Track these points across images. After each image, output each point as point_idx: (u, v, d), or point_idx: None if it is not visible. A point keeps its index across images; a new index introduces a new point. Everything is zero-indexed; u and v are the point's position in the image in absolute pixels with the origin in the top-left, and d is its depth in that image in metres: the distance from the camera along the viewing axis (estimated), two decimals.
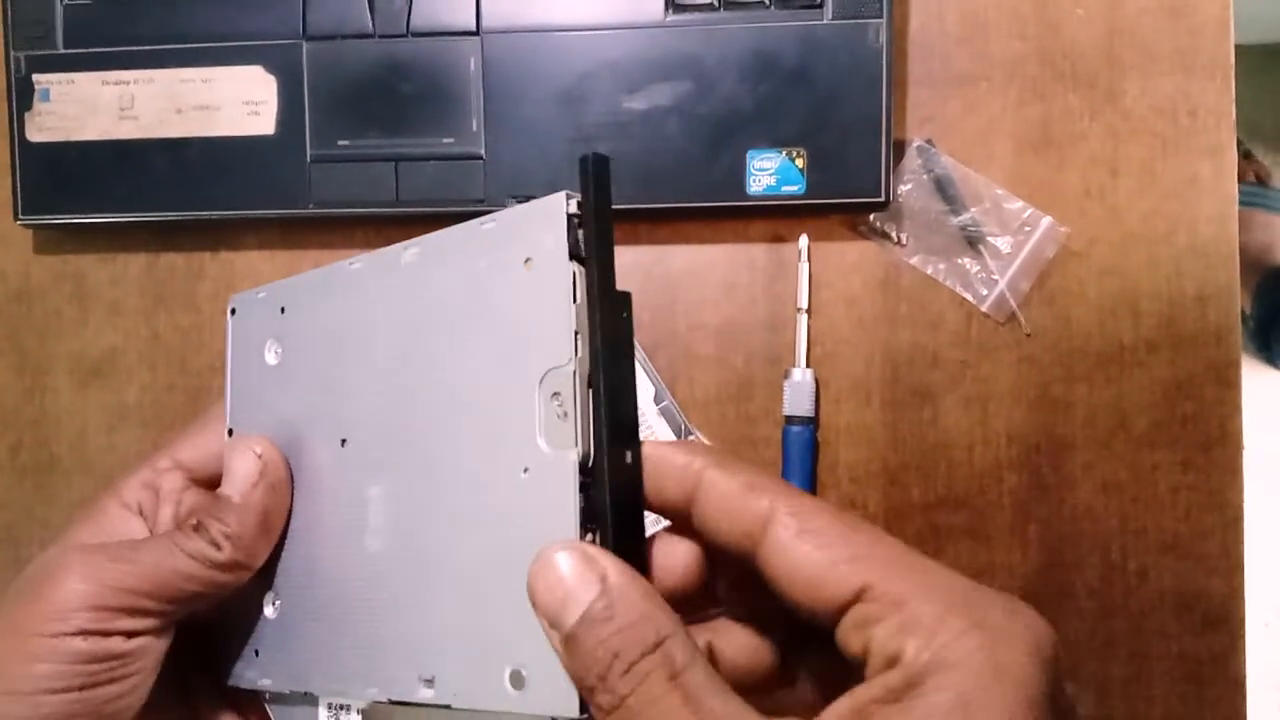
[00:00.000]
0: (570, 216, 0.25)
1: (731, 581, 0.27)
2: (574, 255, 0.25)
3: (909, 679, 0.20)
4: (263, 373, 0.34)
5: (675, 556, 0.27)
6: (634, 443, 0.25)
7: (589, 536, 0.24)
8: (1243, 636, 0.48)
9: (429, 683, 0.27)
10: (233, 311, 0.36)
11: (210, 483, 0.34)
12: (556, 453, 0.25)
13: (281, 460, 0.32)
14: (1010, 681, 0.20)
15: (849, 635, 0.22)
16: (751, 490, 0.24)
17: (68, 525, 0.33)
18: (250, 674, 0.33)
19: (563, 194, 0.25)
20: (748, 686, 0.26)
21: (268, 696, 0.33)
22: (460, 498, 0.27)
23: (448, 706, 0.26)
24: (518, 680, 0.25)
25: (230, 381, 0.35)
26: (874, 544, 0.23)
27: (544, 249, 0.26)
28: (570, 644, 0.22)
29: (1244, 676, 0.48)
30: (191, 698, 0.34)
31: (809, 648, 0.26)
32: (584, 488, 0.24)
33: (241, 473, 0.32)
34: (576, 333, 0.25)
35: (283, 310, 0.34)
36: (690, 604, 0.27)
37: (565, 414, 0.25)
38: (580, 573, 0.22)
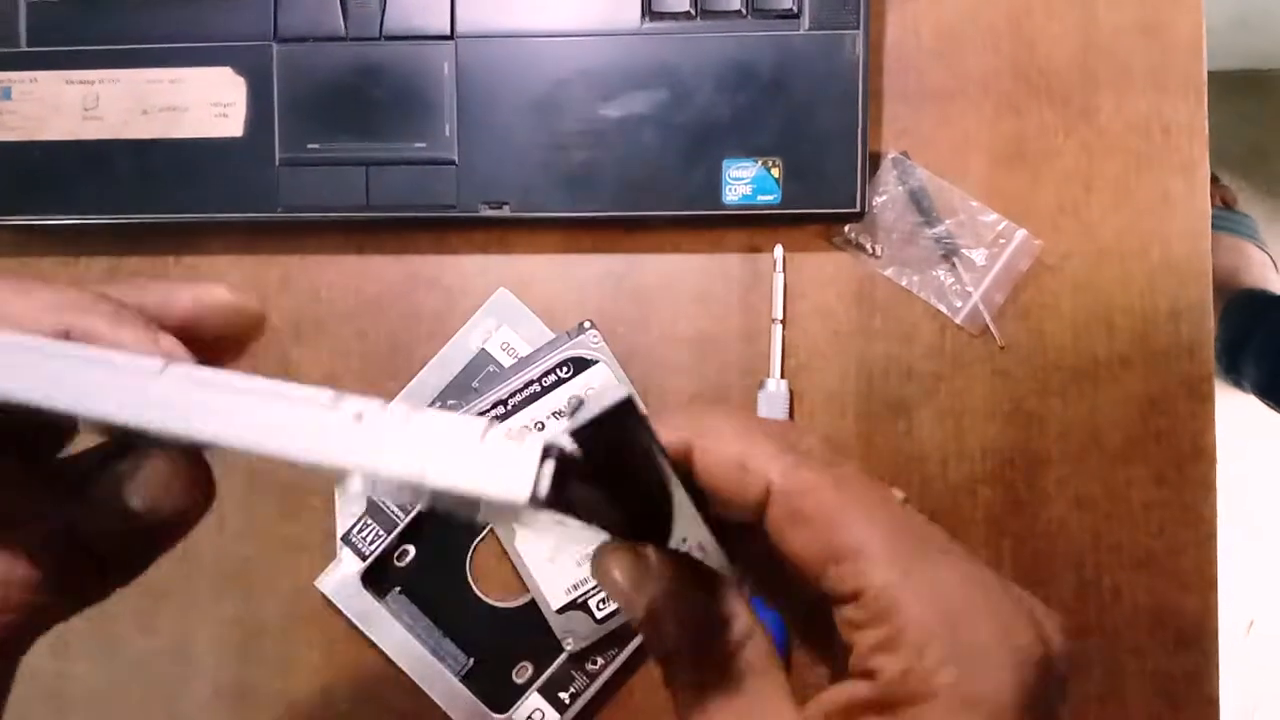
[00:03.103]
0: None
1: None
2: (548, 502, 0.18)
3: (886, 700, 0.21)
4: None
5: None
6: None
7: None
8: (1216, 654, 0.48)
9: None
10: None
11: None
12: None
13: None
14: (982, 714, 0.20)
15: (842, 627, 0.22)
16: (744, 471, 0.23)
17: None
18: None
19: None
20: None
21: None
22: None
23: None
24: None
25: None
26: (871, 532, 0.22)
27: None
28: None
29: (1218, 694, 0.47)
30: None
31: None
32: None
33: None
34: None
35: None
36: None
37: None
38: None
